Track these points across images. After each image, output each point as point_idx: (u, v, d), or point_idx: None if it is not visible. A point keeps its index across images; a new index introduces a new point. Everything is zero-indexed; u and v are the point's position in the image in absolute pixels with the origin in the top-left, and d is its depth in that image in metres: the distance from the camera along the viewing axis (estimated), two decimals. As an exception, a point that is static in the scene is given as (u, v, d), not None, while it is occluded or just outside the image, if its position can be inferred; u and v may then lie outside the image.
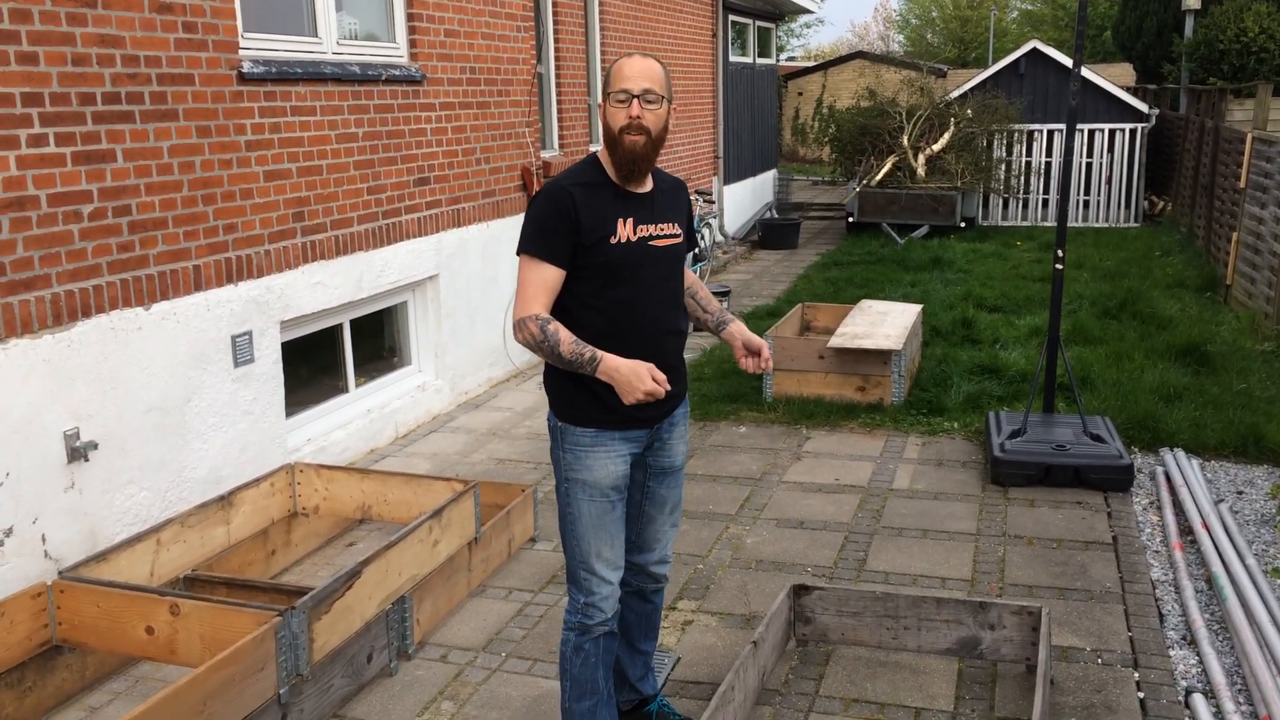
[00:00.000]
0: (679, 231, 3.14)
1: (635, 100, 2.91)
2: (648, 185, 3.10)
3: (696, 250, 10.80)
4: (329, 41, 5.90)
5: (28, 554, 4.11)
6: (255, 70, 5.19)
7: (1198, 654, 3.84)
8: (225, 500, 4.53)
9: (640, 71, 2.94)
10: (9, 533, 4.03)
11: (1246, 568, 4.29)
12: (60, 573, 3.88)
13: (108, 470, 4.45)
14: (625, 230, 2.99)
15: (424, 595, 4.10)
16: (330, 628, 3.63)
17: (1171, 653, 3.87)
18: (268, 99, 5.31)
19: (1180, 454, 5.66)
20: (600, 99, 3.02)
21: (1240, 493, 5.31)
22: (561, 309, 2.98)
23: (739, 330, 3.30)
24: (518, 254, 3.00)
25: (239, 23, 5.18)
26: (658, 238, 3.07)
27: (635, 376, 2.81)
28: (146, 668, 3.92)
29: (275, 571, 4.70)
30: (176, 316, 4.79)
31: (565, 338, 2.87)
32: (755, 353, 3.23)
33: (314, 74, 5.61)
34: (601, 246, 2.95)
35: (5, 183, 4.01)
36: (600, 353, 2.85)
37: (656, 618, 3.44)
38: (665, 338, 3.10)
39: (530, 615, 4.27)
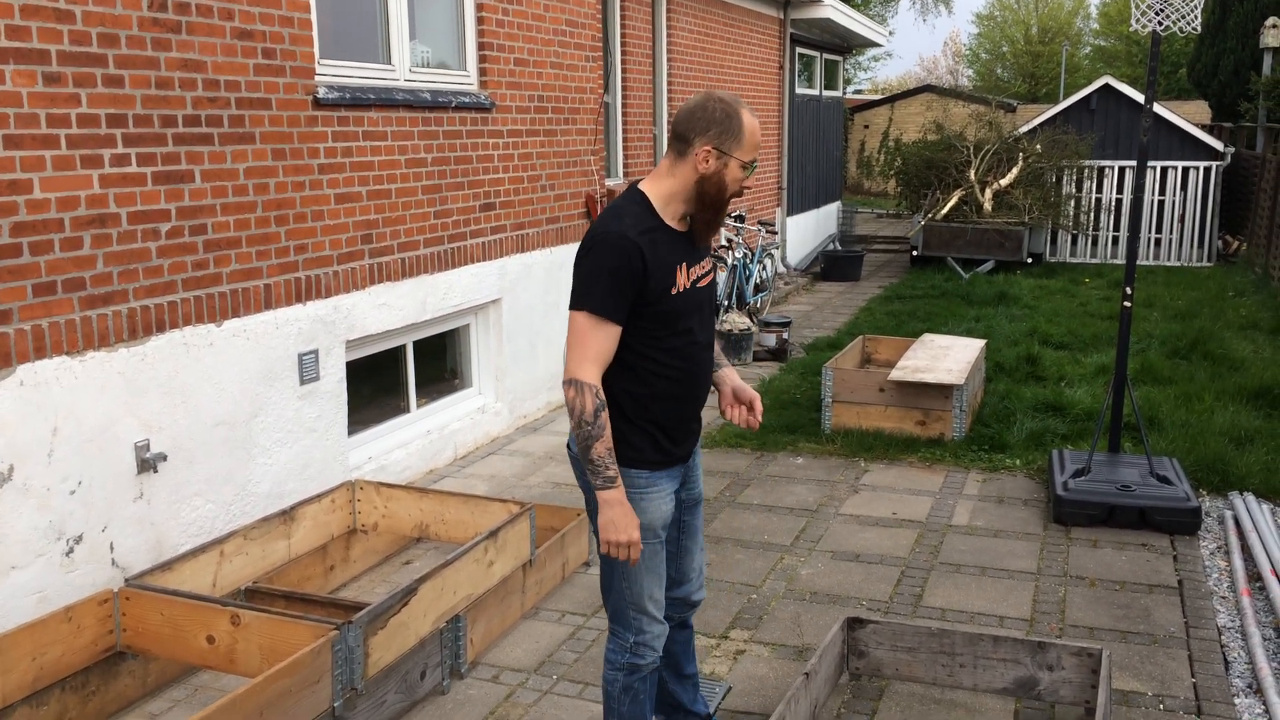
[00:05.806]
0: (712, 265, 3.11)
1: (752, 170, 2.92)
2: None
3: (757, 281, 10.79)
4: (402, 69, 6.03)
5: (96, 561, 4.23)
6: (330, 96, 5.32)
7: (1264, 703, 3.73)
8: (287, 515, 4.61)
9: (760, 142, 2.88)
10: (79, 540, 4.15)
11: (1318, 617, 4.17)
12: (126, 580, 3.98)
13: (175, 482, 4.56)
14: (683, 279, 2.90)
15: (478, 615, 4.13)
16: (385, 643, 3.67)
17: (1236, 701, 3.77)
18: (341, 124, 5.44)
19: (1250, 498, 5.52)
20: (705, 144, 2.81)
21: (1313, 540, 5.16)
22: (622, 365, 2.87)
23: (729, 376, 3.17)
24: (576, 308, 2.79)
25: (316, 49, 5.32)
26: (702, 278, 3.01)
27: (625, 528, 2.80)
28: (206, 676, 4.00)
29: (333, 586, 4.77)
30: (246, 334, 4.91)
31: (607, 436, 2.77)
32: (746, 403, 3.12)
33: (386, 100, 5.73)
34: (664, 298, 2.84)
35: (89, 200, 4.15)
36: (619, 479, 2.81)
37: (693, 639, 3.49)
38: (707, 381, 3.10)
39: (582, 639, 4.28)
